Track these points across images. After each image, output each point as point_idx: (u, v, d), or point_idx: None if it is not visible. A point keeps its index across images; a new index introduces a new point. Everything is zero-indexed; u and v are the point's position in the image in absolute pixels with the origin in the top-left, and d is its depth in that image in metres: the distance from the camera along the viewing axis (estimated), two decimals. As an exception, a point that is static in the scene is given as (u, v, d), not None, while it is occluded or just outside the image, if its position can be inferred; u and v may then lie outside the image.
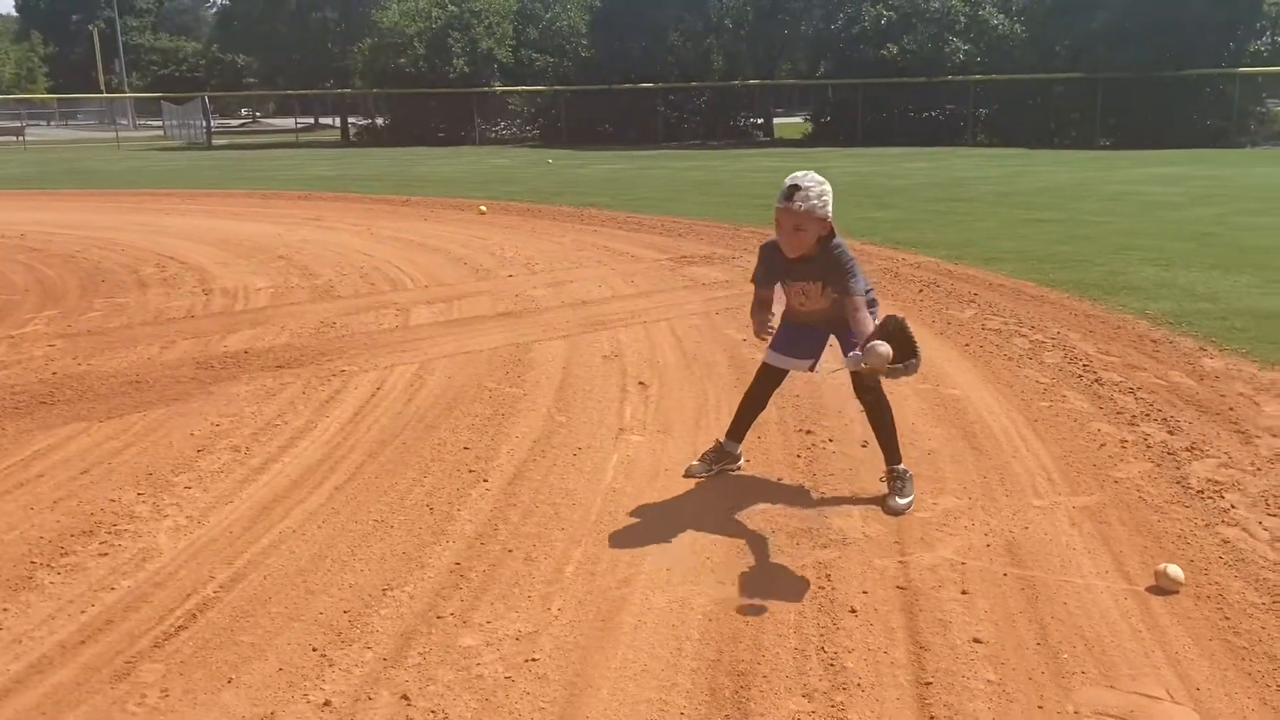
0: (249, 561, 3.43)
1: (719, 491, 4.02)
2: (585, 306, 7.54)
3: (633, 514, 3.81)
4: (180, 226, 12.98)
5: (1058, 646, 2.84)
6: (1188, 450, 4.34)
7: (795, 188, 3.60)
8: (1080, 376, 5.50)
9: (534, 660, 2.81)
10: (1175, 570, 3.15)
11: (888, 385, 3.98)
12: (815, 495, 3.96)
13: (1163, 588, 3.13)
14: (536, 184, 18.63)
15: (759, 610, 3.06)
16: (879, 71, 30.26)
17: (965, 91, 31.02)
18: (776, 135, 34.53)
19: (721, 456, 4.20)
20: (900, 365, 3.31)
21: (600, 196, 15.78)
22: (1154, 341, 6.22)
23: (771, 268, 3.88)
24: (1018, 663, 2.76)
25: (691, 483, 4.12)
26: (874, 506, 3.84)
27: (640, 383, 5.50)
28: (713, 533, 3.62)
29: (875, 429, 3.96)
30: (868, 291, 3.93)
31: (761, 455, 4.35)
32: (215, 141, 41.81)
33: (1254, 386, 5.24)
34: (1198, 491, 3.90)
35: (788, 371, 4.15)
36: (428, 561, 3.41)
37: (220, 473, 4.26)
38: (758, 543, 3.54)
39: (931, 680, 2.68)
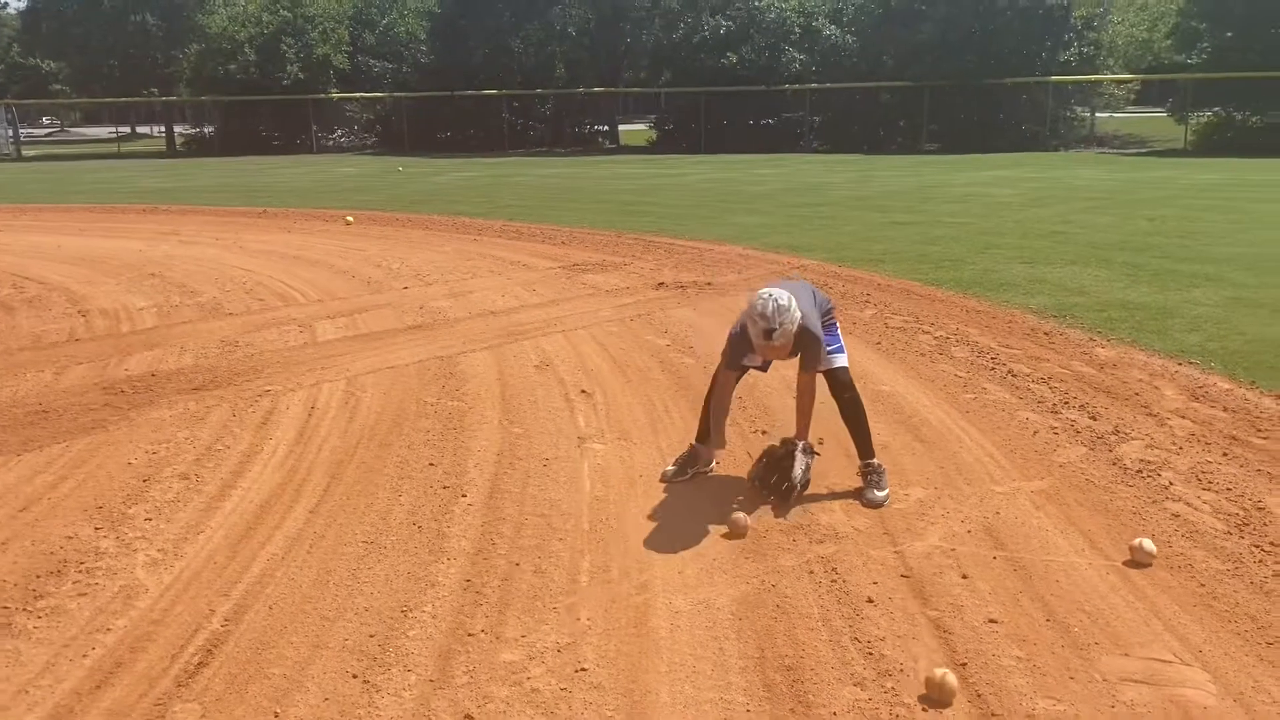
0: (247, 592, 3.30)
1: (700, 494, 4.11)
2: (495, 317, 7.49)
3: (624, 521, 3.85)
4: (21, 244, 12.12)
5: (1065, 621, 3.05)
6: (1113, 434, 4.70)
7: (772, 330, 3.74)
8: (992, 369, 5.85)
9: (583, 670, 2.83)
10: (1149, 544, 3.43)
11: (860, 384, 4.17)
12: (782, 517, 4.08)
13: (1138, 561, 3.40)
14: (394, 192, 18.26)
15: (783, 606, 3.16)
16: (719, 80, 31.01)
17: (801, 100, 32.15)
18: (622, 142, 34.90)
19: (694, 460, 4.29)
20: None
21: (466, 205, 15.62)
22: (1046, 334, 6.66)
23: (745, 353, 4.03)
24: (1037, 639, 2.95)
25: (669, 487, 4.19)
26: (851, 500, 4.00)
27: (583, 391, 5.53)
28: (709, 535, 3.70)
29: (851, 426, 4.13)
30: (829, 312, 4.16)
31: (727, 457, 4.45)
32: (25, 152, 39.06)
33: (1149, 372, 5.69)
34: (1136, 471, 4.24)
35: (746, 369, 4.27)
36: (437, 580, 3.37)
37: (177, 502, 4.06)
38: (757, 541, 3.64)
39: (966, 661, 2.84)
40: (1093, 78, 29.33)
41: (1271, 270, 8.55)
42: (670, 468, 4.29)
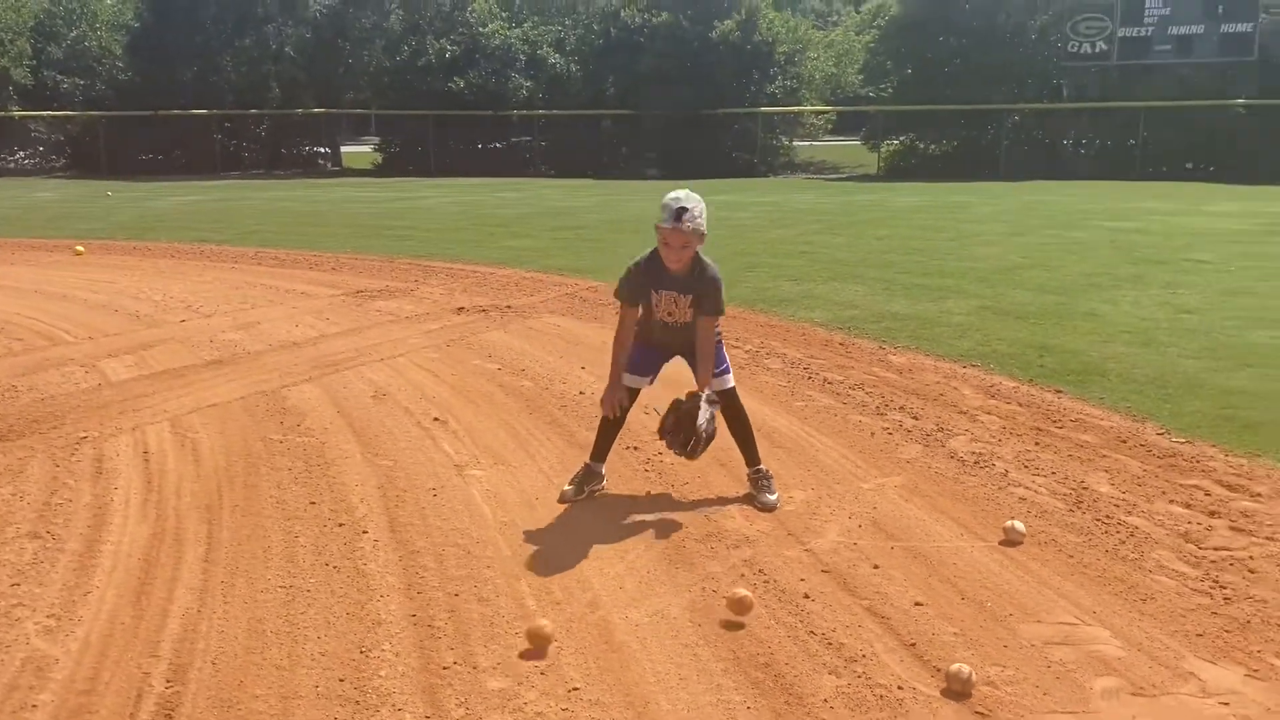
0: (176, 649, 3.08)
1: (603, 511, 4.21)
2: (299, 348, 7.18)
3: (543, 543, 3.89)
4: None
5: (977, 598, 3.43)
6: (939, 431, 5.25)
7: (684, 209, 3.92)
8: (809, 379, 6.33)
9: (576, 689, 2.88)
10: (1020, 525, 3.90)
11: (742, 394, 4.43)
12: (688, 503, 4.29)
13: (1011, 540, 3.86)
14: (113, 219, 16.79)
15: (661, 611, 3.33)
16: (447, 104, 30.85)
17: (528, 125, 32.59)
18: (345, 165, 33.85)
19: (590, 478, 4.39)
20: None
21: (207, 231, 14.66)
22: (840, 344, 7.27)
23: (643, 281, 4.16)
24: (961, 616, 3.31)
25: (569, 506, 4.26)
26: (743, 505, 4.25)
27: (436, 419, 5.46)
28: (632, 549, 3.83)
29: (741, 438, 4.38)
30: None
31: (611, 475, 4.57)
32: None
33: (942, 375, 6.37)
34: (973, 463, 4.78)
35: (639, 390, 4.42)
36: (380, 618, 3.28)
37: (40, 564, 3.67)
38: (679, 551, 3.81)
39: (914, 641, 3.15)
40: (797, 109, 31.73)
41: (999, 282, 9.70)
42: (568, 487, 4.36)
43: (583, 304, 8.93)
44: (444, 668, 2.98)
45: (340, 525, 4.03)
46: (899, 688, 2.88)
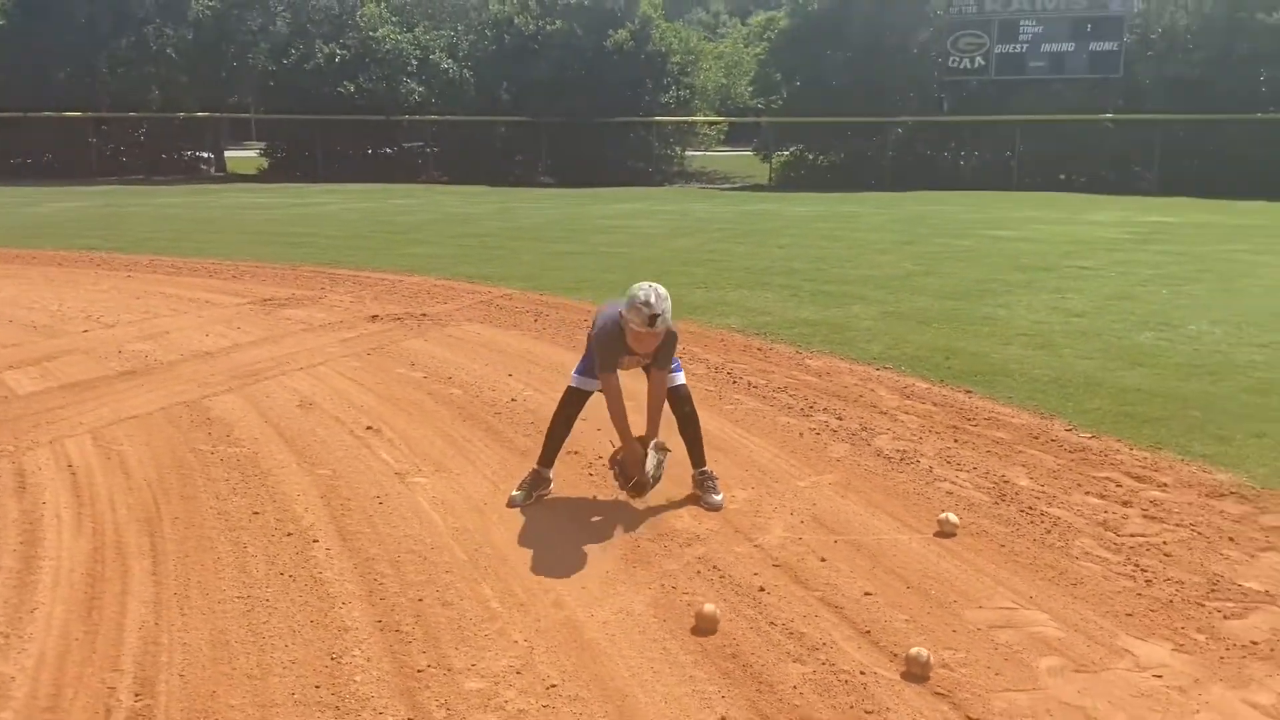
0: (139, 663, 3.03)
1: (554, 515, 4.27)
2: (213, 358, 7.02)
3: (499, 547, 3.93)
4: None
5: (921, 586, 3.62)
6: (863, 430, 5.46)
7: (656, 315, 4.03)
8: (734, 382, 6.49)
9: (554, 686, 2.94)
10: (953, 517, 4.11)
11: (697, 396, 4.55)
12: (636, 505, 4.37)
13: (945, 532, 4.07)
14: (-14, 226, 16.02)
15: (694, 605, 3.44)
16: (336, 108, 30.29)
17: (421, 130, 32.24)
18: (229, 170, 32.87)
19: (539, 483, 4.44)
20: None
21: (94, 239, 14.09)
22: (759, 349, 7.46)
23: (619, 352, 4.25)
24: (908, 603, 3.48)
25: (519, 511, 4.31)
26: (689, 505, 4.37)
27: (369, 428, 5.42)
28: (588, 550, 3.90)
29: (690, 438, 4.49)
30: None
31: (555, 479, 4.62)
32: None
33: (859, 378, 6.61)
34: (899, 460, 4.99)
35: (590, 394, 4.50)
36: (346, 625, 3.28)
37: (-24, 582, 3.55)
38: (634, 551, 3.90)
39: (869, 629, 3.30)
40: (690, 119, 32.18)
41: (898, 289, 10.06)
42: (517, 493, 4.40)
43: (500, 311, 8.93)
44: (419, 671, 3.01)
45: (289, 535, 4.00)
46: (861, 673, 3.03)
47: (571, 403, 4.48)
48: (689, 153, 33.67)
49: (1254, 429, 5.36)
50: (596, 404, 4.59)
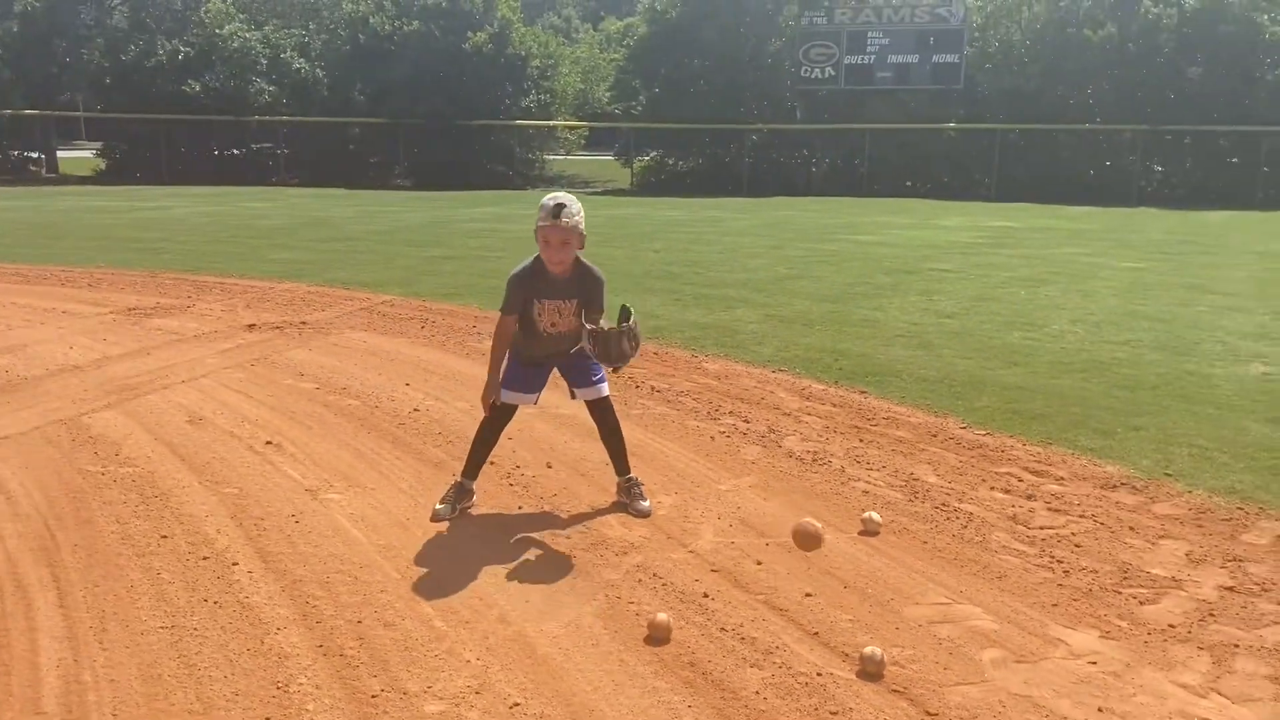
0: (63, 703, 2.82)
1: (482, 528, 4.18)
2: (83, 372, 6.59)
3: (428, 563, 3.83)
4: None
5: (857, 585, 3.70)
6: (771, 433, 5.55)
7: (562, 205, 3.98)
8: (637, 388, 6.50)
9: (518, 705, 2.88)
10: (876, 516, 4.23)
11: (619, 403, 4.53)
12: (563, 515, 4.33)
13: (870, 530, 4.18)
14: None
15: (642, 614, 3.43)
16: (180, 107, 28.94)
17: (271, 131, 31.15)
18: (63, 171, 30.95)
19: (463, 495, 4.34)
20: (619, 331, 4.07)
21: (-82, 245, 13.07)
22: (656, 354, 7.49)
23: (528, 291, 4.16)
24: (849, 603, 3.56)
25: (445, 525, 4.20)
26: (617, 514, 4.35)
27: (269, 443, 5.19)
28: (524, 563, 3.84)
29: (614, 446, 4.46)
30: None
31: (488, 488, 4.52)
32: None
33: (757, 380, 6.72)
34: (811, 460, 5.10)
35: (517, 408, 4.43)
36: (285, 652, 3.13)
37: None
38: (571, 562, 3.85)
39: (817, 630, 3.36)
40: (551, 123, 32.13)
41: (776, 292, 10.29)
42: (441, 506, 4.29)
43: (383, 319, 8.70)
44: (373, 696, 2.90)
45: (205, 558, 3.79)
46: (819, 674, 3.07)
47: (497, 416, 4.40)
48: (550, 157, 33.61)
49: (1130, 423, 5.70)
50: (521, 416, 4.53)
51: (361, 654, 3.13)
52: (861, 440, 5.43)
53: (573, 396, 4.52)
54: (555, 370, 4.48)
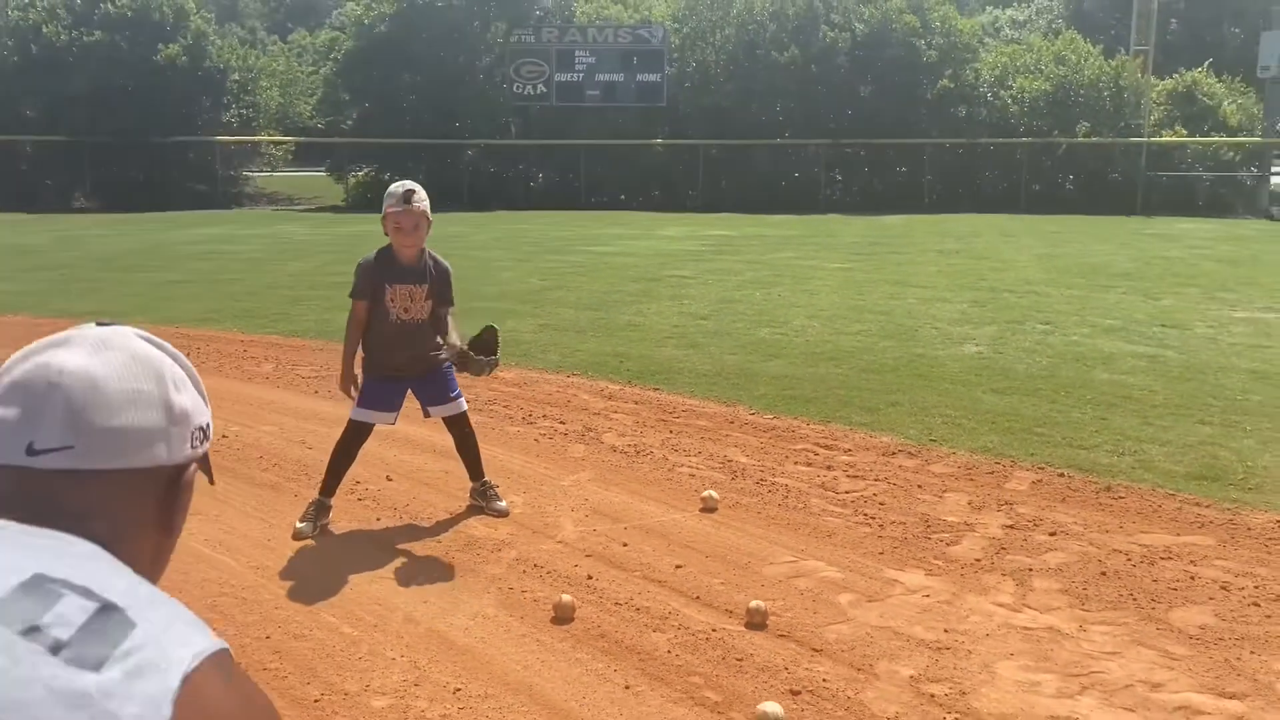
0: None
1: (350, 542, 4.27)
2: None
3: (310, 578, 3.88)
4: None
5: (717, 554, 4.14)
6: (588, 431, 5.91)
7: (412, 191, 4.17)
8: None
9: (459, 689, 3.08)
10: (714, 494, 4.69)
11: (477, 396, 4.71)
12: (425, 523, 4.48)
13: (709, 508, 4.64)
14: None
15: (538, 600, 3.69)
16: None
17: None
18: None
19: (322, 512, 4.38)
20: (484, 360, 4.23)
21: None
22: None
23: (377, 276, 4.27)
24: (715, 569, 3.99)
25: (310, 542, 4.24)
26: (476, 516, 4.55)
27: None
28: (406, 568, 3.98)
29: (470, 455, 4.64)
30: None
31: (346, 501, 4.55)
32: None
33: (558, 385, 7.04)
34: (634, 453, 5.50)
35: (374, 426, 4.52)
36: (206, 673, 3.13)
37: None
38: (451, 562, 4.04)
39: (698, 595, 3.76)
40: (256, 138, 30.73)
41: (539, 302, 10.66)
42: (302, 524, 4.31)
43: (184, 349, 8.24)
44: (315, 700, 3.00)
45: (70, 598, 3.64)
46: (713, 630, 3.47)
47: (353, 435, 4.47)
48: (255, 174, 32.13)
49: (887, 400, 6.55)
50: (378, 433, 4.63)
51: (285, 665, 3.20)
52: (671, 431, 5.91)
53: (426, 415, 4.67)
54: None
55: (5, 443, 0.89)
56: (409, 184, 4.27)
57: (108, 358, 0.93)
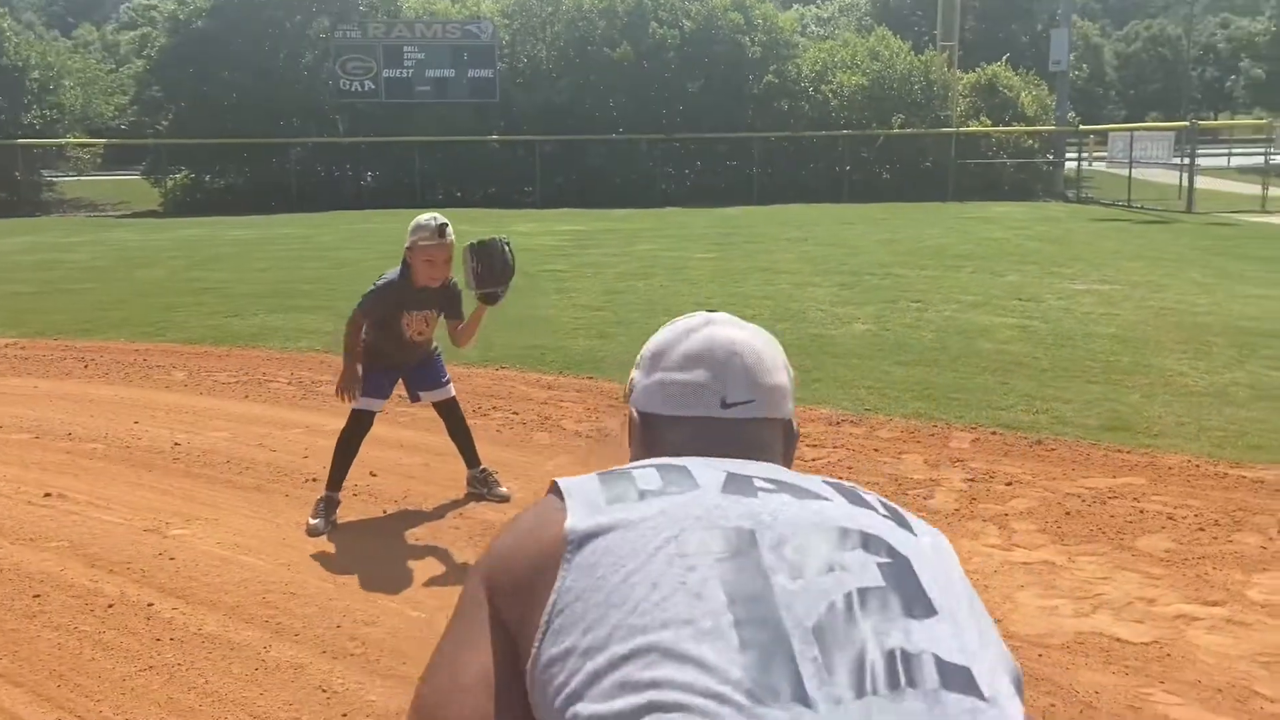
0: (122, 754, 2.70)
1: (363, 532, 4.31)
2: None
3: (347, 569, 3.93)
4: None
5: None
6: (545, 419, 6.07)
7: (445, 225, 4.23)
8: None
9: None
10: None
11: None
12: (429, 511, 4.57)
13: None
14: None
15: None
16: None
17: None
18: None
19: (332, 507, 4.40)
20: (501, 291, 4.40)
21: None
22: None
23: (395, 305, 4.33)
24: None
25: (324, 539, 4.25)
26: (479, 503, 4.67)
27: (48, 495, 4.73)
28: (435, 552, 4.07)
29: (465, 441, 4.75)
30: None
31: (352, 501, 4.56)
32: None
33: (491, 379, 7.14)
34: (601, 437, 5.71)
35: (376, 413, 4.56)
36: (299, 663, 3.19)
37: None
38: (475, 547, 4.14)
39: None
40: (62, 141, 28.77)
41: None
42: (316, 521, 4.33)
43: (25, 361, 7.83)
44: (324, 699, 3.08)
45: (110, 606, 3.58)
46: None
47: (358, 425, 4.51)
48: (60, 178, 30.12)
49: (809, 377, 6.96)
50: (298, 438, 4.66)
51: (370, 650, 3.27)
52: (586, 413, 6.15)
53: (415, 400, 4.74)
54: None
55: (702, 399, 1.10)
56: (439, 217, 4.30)
57: (753, 331, 1.15)
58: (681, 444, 1.08)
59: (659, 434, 1.09)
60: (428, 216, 4.33)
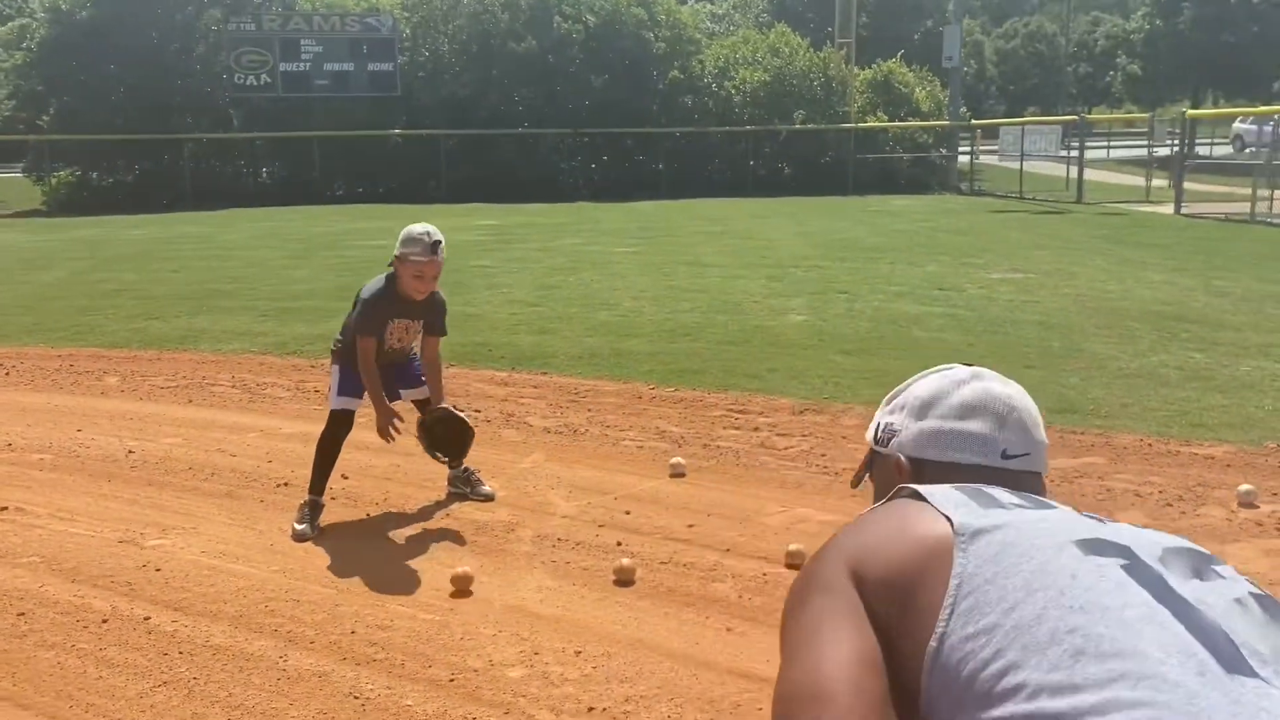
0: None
1: (353, 537, 4.22)
2: None
3: (348, 573, 3.84)
4: None
5: (717, 513, 4.44)
6: (510, 416, 6.02)
7: (438, 241, 4.15)
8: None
9: (580, 652, 3.23)
10: (682, 460, 4.99)
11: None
12: (416, 515, 4.49)
13: (678, 473, 4.93)
14: None
15: (588, 569, 3.86)
16: None
17: None
18: None
19: (317, 511, 4.29)
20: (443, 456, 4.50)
21: None
22: (312, 368, 7.40)
23: (387, 314, 4.25)
24: (725, 525, 4.30)
25: (311, 544, 4.15)
26: (462, 504, 4.61)
27: (3, 509, 4.49)
28: (437, 553, 4.01)
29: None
30: None
31: (338, 499, 4.45)
32: None
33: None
34: (569, 432, 5.69)
35: (355, 412, 4.46)
36: (320, 671, 3.11)
37: None
38: (474, 546, 4.11)
39: (729, 547, 4.06)
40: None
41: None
42: (302, 526, 4.21)
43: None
44: (450, 680, 3.05)
45: (104, 622, 3.42)
46: (764, 574, 3.79)
47: (339, 426, 4.40)
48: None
49: (763, 367, 7.09)
50: (256, 444, 4.56)
51: (393, 654, 3.21)
52: (589, 410, 6.13)
53: (395, 398, 4.65)
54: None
55: (983, 449, 1.15)
56: (433, 231, 4.19)
57: (1019, 389, 1.20)
58: None
59: (929, 480, 1.12)
60: (421, 229, 4.23)
